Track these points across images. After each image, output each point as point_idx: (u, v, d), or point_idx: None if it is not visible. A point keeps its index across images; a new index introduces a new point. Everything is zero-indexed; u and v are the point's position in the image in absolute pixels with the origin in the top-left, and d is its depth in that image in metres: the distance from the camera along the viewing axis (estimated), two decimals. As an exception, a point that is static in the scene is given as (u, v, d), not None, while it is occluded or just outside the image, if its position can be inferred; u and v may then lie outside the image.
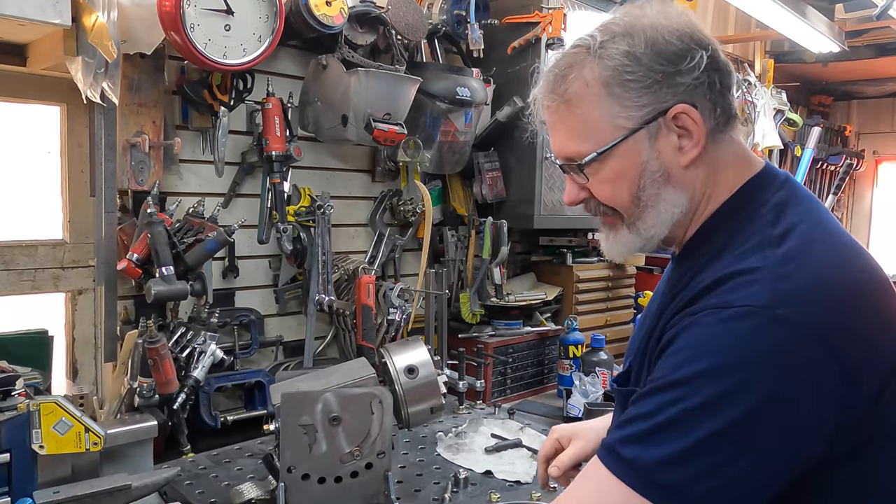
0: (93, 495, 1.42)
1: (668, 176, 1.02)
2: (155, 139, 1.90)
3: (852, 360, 0.86)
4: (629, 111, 0.99)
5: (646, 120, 0.99)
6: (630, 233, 1.06)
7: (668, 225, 1.04)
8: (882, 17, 3.48)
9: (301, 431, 1.40)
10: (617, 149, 1.01)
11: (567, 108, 1.02)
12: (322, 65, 2.14)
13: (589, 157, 1.02)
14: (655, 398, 0.90)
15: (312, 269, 2.19)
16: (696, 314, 0.91)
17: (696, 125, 0.99)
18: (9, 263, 1.83)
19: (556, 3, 2.55)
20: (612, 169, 1.02)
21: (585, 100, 1.01)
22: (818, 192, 5.41)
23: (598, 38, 1.00)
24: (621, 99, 0.99)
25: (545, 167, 2.63)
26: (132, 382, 1.77)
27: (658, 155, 1.01)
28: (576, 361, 2.66)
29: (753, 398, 0.83)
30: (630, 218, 1.05)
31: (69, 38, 1.63)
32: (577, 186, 1.08)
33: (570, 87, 1.01)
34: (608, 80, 0.99)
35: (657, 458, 0.86)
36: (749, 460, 0.84)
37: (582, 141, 1.02)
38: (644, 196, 1.02)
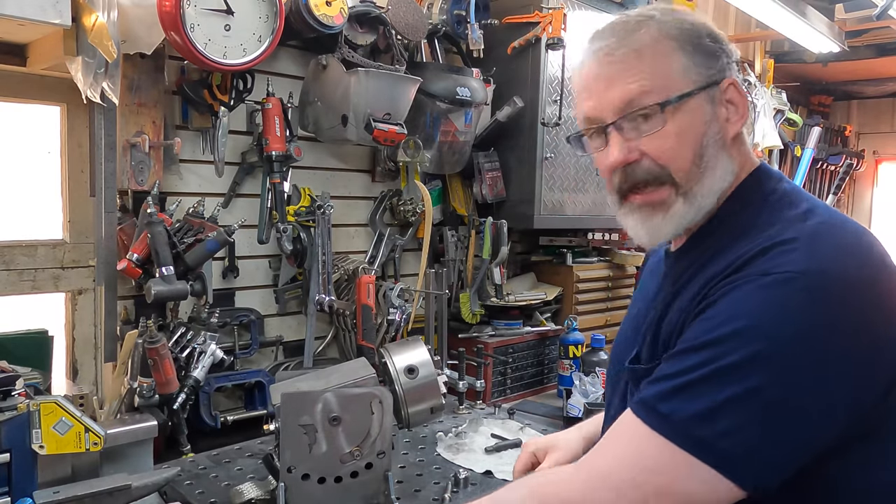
0: (93, 495, 1.42)
1: (724, 142, 1.04)
2: (155, 139, 1.90)
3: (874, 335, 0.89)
4: (699, 68, 1.02)
5: (711, 82, 1.02)
6: (685, 203, 1.03)
7: (717, 195, 1.04)
8: (882, 17, 3.48)
9: (301, 431, 1.40)
10: (688, 101, 1.01)
11: (637, 56, 1.02)
12: (322, 65, 2.14)
13: (673, 97, 1.00)
14: (689, 357, 0.91)
15: (312, 269, 2.19)
16: (735, 282, 0.92)
17: (741, 98, 1.05)
18: (9, 263, 1.83)
19: (556, 3, 2.54)
20: (681, 122, 1.01)
21: (658, 51, 1.02)
22: (818, 192, 5.41)
23: (658, 11, 1.05)
24: (692, 56, 1.02)
25: (545, 167, 2.63)
26: (132, 382, 1.77)
27: (717, 119, 1.03)
28: (576, 361, 2.66)
29: (784, 363, 0.86)
30: (687, 183, 1.03)
31: (69, 38, 1.63)
32: (627, 146, 1.03)
33: (643, 39, 1.02)
34: (680, 39, 1.02)
35: (692, 413, 0.88)
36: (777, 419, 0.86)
37: (655, 87, 1.01)
38: (706, 156, 1.02)
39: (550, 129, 2.61)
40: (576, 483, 0.97)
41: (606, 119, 1.04)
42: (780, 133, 4.49)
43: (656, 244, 1.11)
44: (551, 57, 2.59)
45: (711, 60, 1.03)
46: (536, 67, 2.60)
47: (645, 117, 1.02)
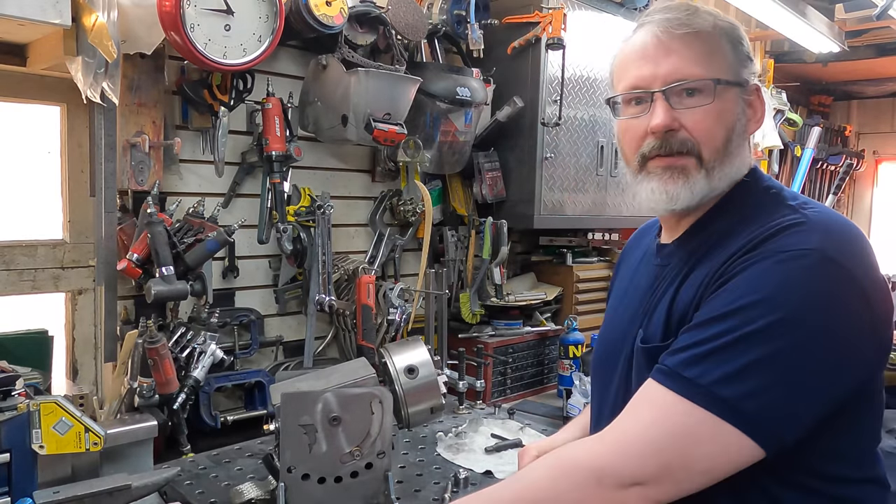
0: (93, 495, 1.42)
1: (745, 135, 1.14)
2: (155, 139, 1.90)
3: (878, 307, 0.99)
4: (737, 66, 1.12)
5: (743, 80, 1.13)
6: (706, 178, 1.11)
7: (731, 183, 1.13)
8: (882, 17, 3.48)
9: (301, 431, 1.40)
10: (730, 89, 1.11)
11: (696, 37, 1.11)
12: (322, 65, 2.14)
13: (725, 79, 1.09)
14: (712, 327, 0.98)
15: (312, 269, 2.19)
16: (754, 258, 1.00)
17: (760, 104, 1.15)
18: (9, 263, 1.83)
19: (556, 3, 2.54)
20: (720, 106, 1.10)
21: (714, 37, 1.11)
22: (818, 192, 5.41)
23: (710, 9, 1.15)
24: (736, 52, 1.13)
25: (545, 167, 2.63)
26: (132, 382, 1.77)
27: (744, 113, 1.13)
28: (576, 361, 2.66)
29: (803, 329, 0.94)
30: (712, 161, 1.11)
31: (69, 38, 1.62)
32: (671, 114, 1.10)
33: (703, 24, 1.11)
34: (728, 34, 1.13)
35: (718, 376, 0.95)
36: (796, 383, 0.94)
37: (706, 66, 1.09)
38: (732, 143, 1.11)
39: (550, 129, 2.61)
40: (599, 450, 1.02)
41: (656, 86, 1.11)
42: (780, 133, 4.49)
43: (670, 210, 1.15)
44: (551, 57, 2.59)
45: (746, 63, 1.13)
46: (536, 67, 2.60)
47: (693, 92, 1.10)
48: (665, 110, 1.10)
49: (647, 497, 0.97)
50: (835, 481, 1.04)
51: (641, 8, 2.94)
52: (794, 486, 1.03)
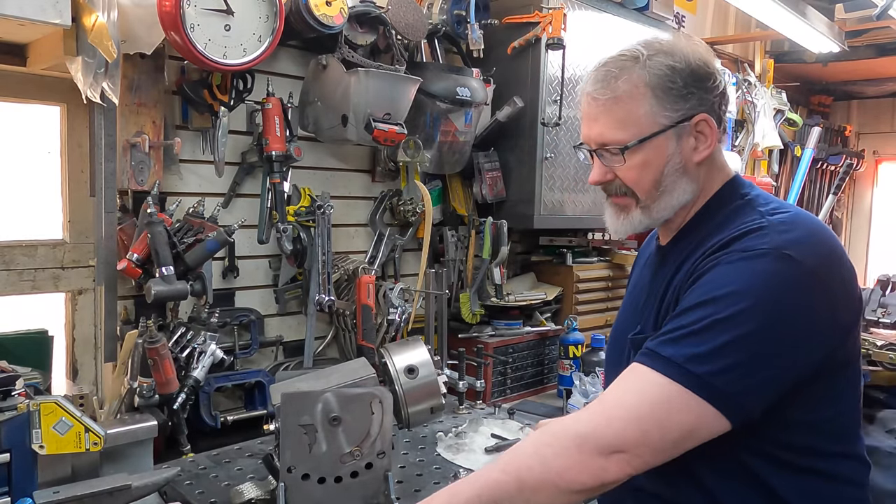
0: (93, 495, 1.42)
1: (684, 168, 1.25)
2: (155, 139, 1.90)
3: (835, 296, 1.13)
4: (667, 112, 1.22)
5: (678, 121, 1.22)
6: (642, 213, 1.28)
7: (675, 209, 1.28)
8: (882, 17, 3.48)
9: (301, 431, 1.40)
10: (653, 140, 1.22)
11: (615, 102, 1.23)
12: (322, 65, 2.14)
13: (631, 143, 1.23)
14: (688, 315, 1.12)
15: (312, 269, 2.19)
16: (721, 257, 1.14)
17: (711, 131, 1.25)
18: (9, 263, 1.83)
19: (556, 3, 2.54)
20: (644, 156, 1.23)
21: (634, 98, 1.22)
22: (818, 192, 5.41)
23: (646, 52, 1.23)
24: (663, 101, 1.21)
25: (545, 167, 2.63)
26: (132, 382, 1.77)
27: (681, 151, 1.24)
28: (576, 361, 2.66)
29: (765, 316, 1.07)
30: (646, 201, 1.27)
31: (69, 38, 1.62)
32: (603, 169, 1.28)
33: (622, 86, 1.22)
34: (654, 85, 1.21)
35: (690, 355, 1.08)
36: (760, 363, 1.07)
37: (623, 130, 1.23)
38: (664, 183, 1.25)
39: (550, 129, 2.61)
40: (582, 417, 1.14)
41: (592, 146, 1.29)
42: (780, 133, 4.49)
43: (619, 237, 1.43)
44: (551, 57, 2.59)
45: (682, 102, 1.22)
46: (536, 67, 2.60)
47: (613, 153, 1.25)
48: (598, 167, 1.29)
49: (627, 463, 1.07)
50: (806, 453, 1.17)
51: (641, 8, 2.95)
52: (765, 456, 1.16)
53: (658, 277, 1.32)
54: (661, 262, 1.34)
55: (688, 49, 1.24)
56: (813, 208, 5.32)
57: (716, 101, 1.25)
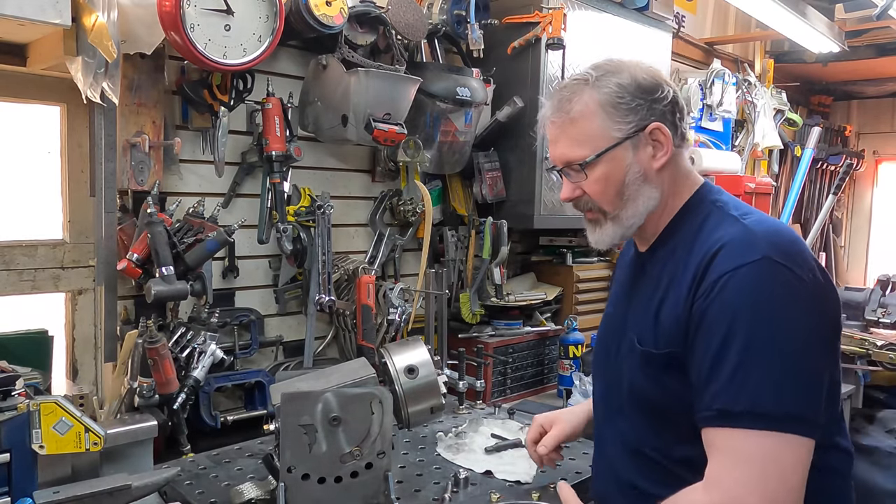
0: (93, 495, 1.42)
1: (645, 176, 1.31)
2: (155, 139, 1.90)
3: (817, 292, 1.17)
4: (619, 125, 1.29)
5: (631, 132, 1.29)
6: (613, 224, 1.35)
7: (643, 216, 1.33)
8: (882, 17, 3.48)
9: (301, 431, 1.40)
10: (610, 153, 1.29)
11: (571, 123, 1.31)
12: (322, 65, 2.14)
13: (589, 158, 1.30)
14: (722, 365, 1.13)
15: (312, 269, 2.19)
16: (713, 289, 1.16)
17: (665, 138, 1.31)
18: (9, 263, 1.83)
19: (556, 3, 2.54)
20: (604, 170, 1.30)
21: (586, 117, 1.30)
22: (818, 192, 5.41)
23: (595, 73, 1.31)
24: (614, 116, 1.29)
25: (545, 167, 2.63)
26: (132, 382, 1.77)
27: (638, 160, 1.30)
28: (576, 361, 2.66)
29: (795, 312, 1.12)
30: (614, 211, 1.33)
31: (69, 38, 1.63)
32: (571, 186, 1.36)
33: (574, 108, 1.30)
34: (604, 103, 1.29)
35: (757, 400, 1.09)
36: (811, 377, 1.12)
37: (582, 148, 1.30)
38: (627, 192, 1.31)
39: (550, 129, 2.61)
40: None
41: (558, 166, 1.36)
42: (780, 133, 4.49)
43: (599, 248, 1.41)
44: (551, 57, 2.59)
45: (632, 115, 1.29)
46: (536, 67, 2.60)
47: (575, 170, 1.33)
48: (566, 185, 1.37)
49: None
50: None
51: (641, 8, 2.95)
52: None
53: (641, 286, 1.38)
54: (641, 269, 1.40)
55: (633, 66, 1.32)
56: (813, 208, 5.33)
57: (666, 109, 1.31)
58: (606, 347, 1.46)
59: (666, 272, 1.30)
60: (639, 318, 1.33)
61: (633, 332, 1.33)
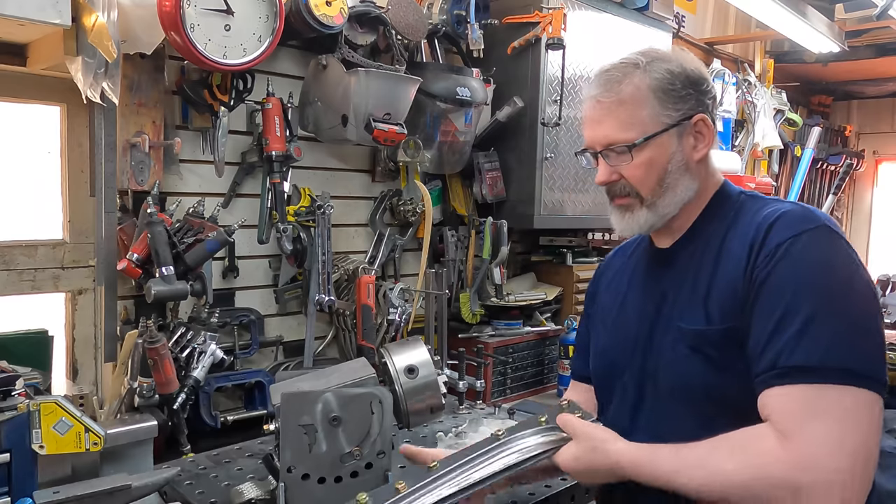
0: (93, 495, 1.42)
1: (686, 166, 1.31)
2: (155, 139, 1.90)
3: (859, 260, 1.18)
4: (669, 112, 1.29)
5: (679, 120, 1.29)
6: (648, 212, 1.32)
7: (679, 206, 1.32)
8: (882, 17, 3.49)
9: (301, 431, 1.40)
10: (657, 139, 1.29)
11: (620, 104, 1.29)
12: (322, 65, 2.14)
13: (638, 141, 1.28)
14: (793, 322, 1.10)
15: (312, 269, 2.19)
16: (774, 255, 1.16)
17: (708, 131, 1.32)
18: (9, 263, 1.83)
19: (556, 3, 2.54)
20: (649, 155, 1.29)
21: (637, 100, 1.29)
22: (818, 192, 5.41)
23: (644, 59, 1.30)
24: (664, 102, 1.29)
25: (545, 167, 2.63)
26: (132, 382, 1.77)
27: (682, 149, 1.30)
28: (576, 361, 2.66)
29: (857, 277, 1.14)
30: (651, 198, 1.31)
31: (69, 38, 1.63)
32: (609, 170, 1.33)
33: (625, 89, 1.29)
34: (655, 88, 1.28)
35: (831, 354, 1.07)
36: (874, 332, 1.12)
37: (629, 130, 1.29)
38: (668, 179, 1.30)
39: (550, 129, 2.62)
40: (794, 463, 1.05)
41: (596, 148, 1.34)
42: (780, 133, 4.49)
43: (625, 235, 1.42)
44: (551, 57, 2.59)
45: (681, 103, 1.29)
46: (536, 67, 2.60)
47: (619, 152, 1.30)
48: (604, 168, 1.33)
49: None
50: None
51: (641, 8, 2.95)
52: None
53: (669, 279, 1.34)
54: (665, 264, 1.37)
55: (681, 57, 1.33)
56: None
57: (710, 103, 1.33)
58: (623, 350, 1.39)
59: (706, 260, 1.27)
60: (681, 307, 1.29)
61: (673, 321, 1.29)
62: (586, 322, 1.58)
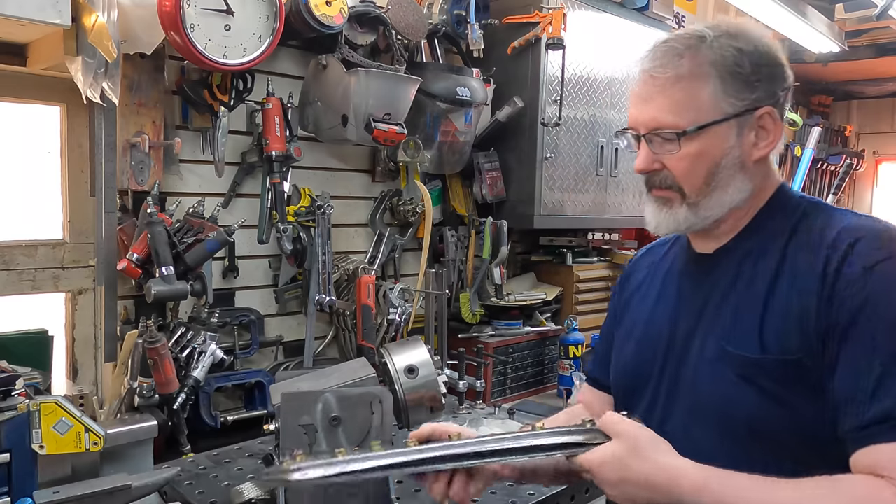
0: (93, 495, 1.42)
1: (742, 165, 1.13)
2: (155, 139, 1.90)
3: None
4: (732, 99, 1.10)
5: (742, 111, 1.10)
6: (689, 211, 1.14)
7: (726, 208, 1.14)
8: (882, 17, 3.48)
9: (301, 431, 1.40)
10: (713, 128, 1.10)
11: (675, 82, 1.11)
12: (322, 65, 2.14)
13: (690, 128, 1.10)
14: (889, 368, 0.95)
15: (312, 269, 2.19)
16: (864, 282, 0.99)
17: (775, 127, 1.14)
18: (9, 263, 1.83)
19: (556, 3, 2.54)
20: (701, 146, 1.11)
21: (697, 79, 1.10)
22: (818, 192, 5.41)
23: (712, 33, 1.11)
24: (728, 87, 1.10)
25: (545, 167, 2.63)
26: (132, 382, 1.77)
27: (741, 145, 1.12)
28: (576, 361, 2.66)
29: None
30: (696, 197, 1.13)
31: (69, 38, 1.63)
32: (651, 157, 1.15)
33: (685, 65, 1.10)
34: (720, 69, 1.09)
35: None
36: None
37: (681, 114, 1.10)
38: (718, 177, 1.12)
39: (550, 129, 2.61)
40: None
41: (640, 130, 1.15)
42: (781, 133, 4.48)
43: (658, 233, 1.21)
44: (551, 57, 2.59)
45: (748, 91, 1.11)
46: (536, 67, 2.60)
47: (666, 138, 1.12)
48: (645, 154, 1.16)
49: None
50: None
51: (641, 8, 2.95)
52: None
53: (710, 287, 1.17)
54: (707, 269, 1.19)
55: (756, 34, 1.14)
56: (813, 208, 5.32)
57: (782, 95, 1.15)
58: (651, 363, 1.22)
59: (760, 274, 1.10)
60: (726, 325, 1.11)
61: (715, 339, 1.12)
62: (610, 325, 1.40)
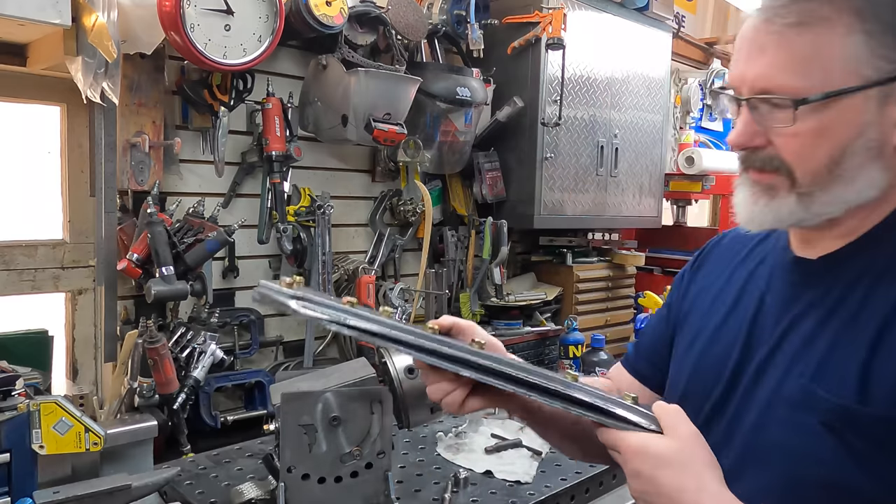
0: (93, 495, 1.42)
1: (880, 150, 0.84)
2: (155, 139, 1.90)
3: None
4: (876, 59, 0.81)
5: (889, 77, 0.81)
6: (798, 203, 0.86)
7: (847, 206, 0.86)
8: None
9: (301, 431, 1.40)
10: (846, 98, 0.81)
11: (798, 29, 0.82)
12: (322, 65, 2.14)
13: (814, 96, 0.81)
14: None
15: (312, 269, 2.19)
16: None
17: None
18: (9, 263, 1.83)
19: (556, 3, 2.55)
20: (826, 120, 0.82)
21: (829, 27, 0.81)
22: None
23: None
24: (873, 40, 0.80)
25: (545, 167, 2.63)
26: (132, 382, 1.77)
27: (881, 123, 0.83)
28: (576, 361, 2.66)
29: None
30: (809, 186, 0.85)
31: (69, 38, 1.62)
32: (754, 129, 0.87)
33: (815, 7, 0.81)
34: (865, 13, 0.80)
35: None
36: None
37: (803, 75, 0.81)
38: (844, 164, 0.84)
39: (550, 129, 2.62)
40: None
41: (742, 92, 0.87)
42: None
43: (750, 227, 0.93)
44: (551, 57, 2.59)
45: None
46: (536, 67, 2.60)
47: (778, 104, 0.83)
48: (745, 125, 0.88)
49: None
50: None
51: (641, 8, 2.95)
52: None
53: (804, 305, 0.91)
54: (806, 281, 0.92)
55: None
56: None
57: None
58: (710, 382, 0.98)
59: (879, 299, 0.83)
60: (818, 357, 0.86)
61: (799, 372, 0.87)
62: (664, 317, 1.15)
